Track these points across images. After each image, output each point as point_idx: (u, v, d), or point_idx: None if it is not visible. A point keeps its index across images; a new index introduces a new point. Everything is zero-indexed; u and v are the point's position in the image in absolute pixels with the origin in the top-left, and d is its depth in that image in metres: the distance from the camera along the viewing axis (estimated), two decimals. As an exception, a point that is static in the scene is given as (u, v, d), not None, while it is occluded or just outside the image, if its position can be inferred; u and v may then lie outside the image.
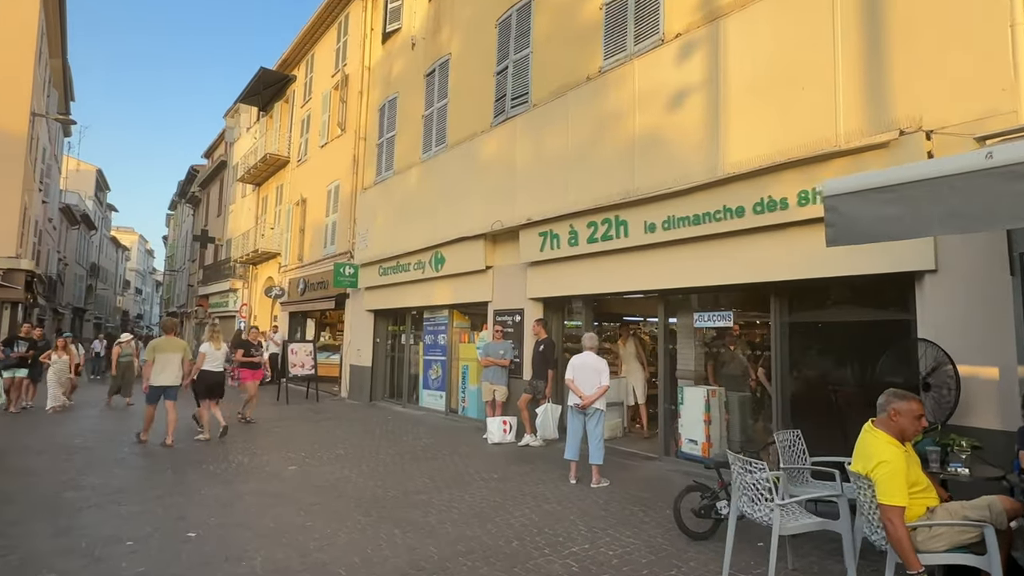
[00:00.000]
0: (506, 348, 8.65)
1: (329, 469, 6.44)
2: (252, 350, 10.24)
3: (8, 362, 10.40)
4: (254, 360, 10.17)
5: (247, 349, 10.19)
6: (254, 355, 10.21)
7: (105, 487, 5.57)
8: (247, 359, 10.12)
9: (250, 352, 10.18)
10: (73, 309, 37.94)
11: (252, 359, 10.15)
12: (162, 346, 7.88)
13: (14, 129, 17.20)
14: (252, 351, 10.23)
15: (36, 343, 10.90)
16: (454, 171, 10.51)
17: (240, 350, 10.20)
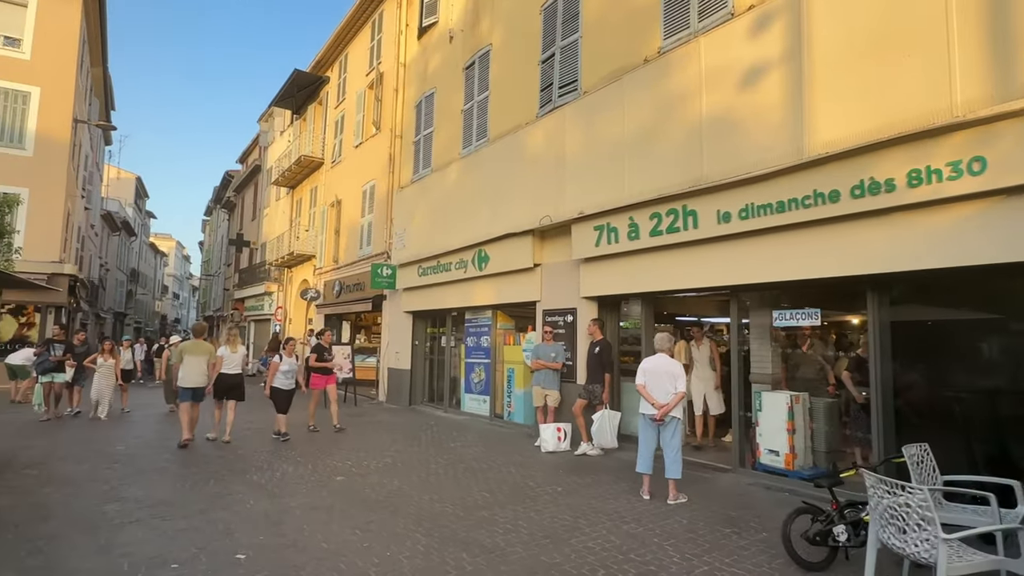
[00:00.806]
0: (557, 350, 8.14)
1: (378, 480, 6.02)
2: (325, 353, 9.67)
3: (45, 366, 10.12)
4: (327, 364, 9.64)
5: (320, 353, 9.63)
6: (327, 359, 9.67)
7: (147, 499, 5.26)
8: (320, 363, 9.57)
9: (323, 356, 9.63)
10: (114, 314, 38.81)
11: (325, 363, 9.62)
12: (190, 349, 8.21)
13: (58, 136, 17.45)
14: (325, 354, 9.66)
15: (72, 347, 10.67)
16: (497, 165, 10.07)
17: (314, 354, 9.68)
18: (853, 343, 7.85)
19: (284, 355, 8.61)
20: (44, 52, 17.39)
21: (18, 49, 17.20)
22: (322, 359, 9.63)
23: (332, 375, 9.79)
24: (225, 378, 8.31)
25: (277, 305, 21.98)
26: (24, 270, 14.25)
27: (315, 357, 9.60)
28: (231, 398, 8.39)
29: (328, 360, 9.71)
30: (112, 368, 10.47)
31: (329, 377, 9.67)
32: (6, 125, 16.82)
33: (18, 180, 16.06)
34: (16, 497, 5.27)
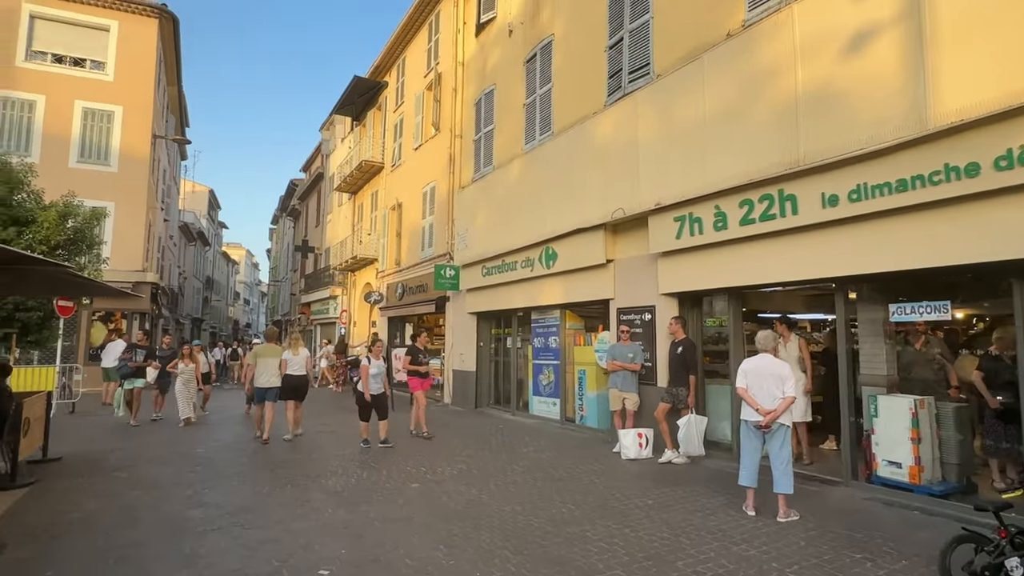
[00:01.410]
0: (635, 351, 7.67)
1: (455, 488, 5.76)
2: (420, 356, 9.25)
3: (125, 371, 10.17)
4: (421, 368, 9.17)
5: (415, 356, 9.20)
6: (423, 361, 9.24)
7: (228, 504, 5.20)
8: (415, 367, 9.13)
9: (418, 359, 9.19)
10: (192, 319, 40.99)
11: (420, 366, 9.17)
12: (263, 352, 8.82)
13: (139, 152, 18.43)
14: (420, 357, 9.23)
15: (153, 351, 10.87)
16: (562, 159, 9.68)
17: (408, 356, 9.27)
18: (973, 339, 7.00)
19: (372, 358, 8.22)
20: (125, 73, 18.41)
21: (102, 71, 18.28)
22: (417, 362, 9.19)
23: (428, 379, 9.41)
24: (289, 379, 8.65)
25: (342, 308, 22.42)
26: (111, 279, 15.03)
27: (409, 360, 9.20)
28: (294, 398, 8.75)
29: (424, 363, 9.29)
30: (193, 373, 10.47)
31: (425, 381, 9.27)
32: (93, 143, 17.90)
33: (105, 194, 17.02)
34: (106, 500, 5.34)
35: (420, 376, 9.16)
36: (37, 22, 17.69)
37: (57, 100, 17.49)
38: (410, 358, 9.20)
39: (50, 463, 7.05)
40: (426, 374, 9.29)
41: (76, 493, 5.62)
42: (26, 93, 17.23)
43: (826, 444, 7.46)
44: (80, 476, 6.35)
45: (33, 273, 6.17)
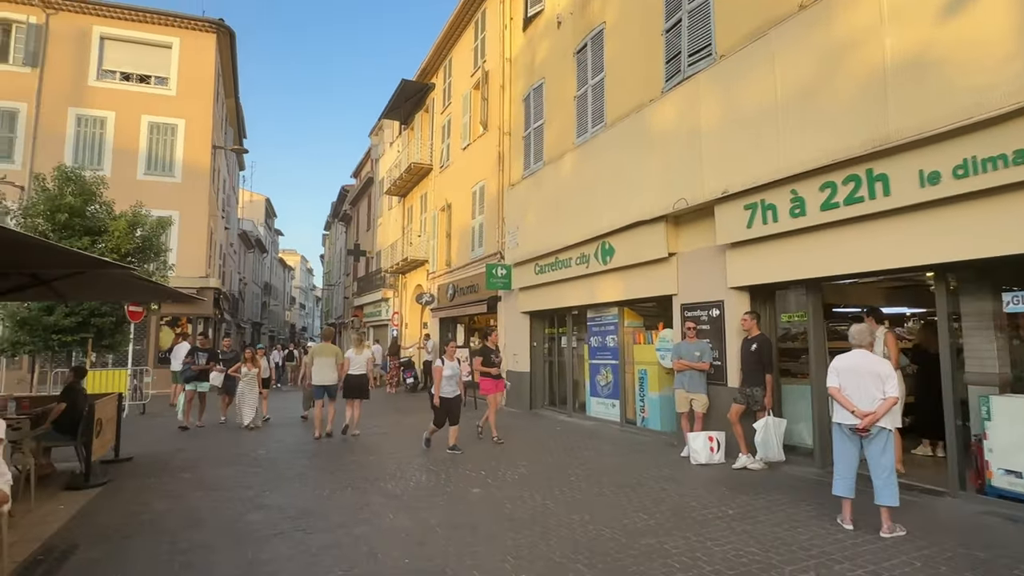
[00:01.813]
0: (703, 349, 7.21)
1: (517, 493, 5.50)
2: (492, 356, 8.69)
3: (188, 375, 10.15)
4: (492, 370, 8.61)
5: (486, 356, 8.68)
6: (495, 362, 8.66)
7: (288, 508, 5.12)
8: (486, 368, 8.62)
9: (490, 360, 8.64)
10: (252, 323, 42.58)
11: (492, 368, 8.61)
12: (320, 351, 9.22)
13: (200, 163, 19.16)
14: (492, 358, 8.68)
15: (215, 354, 10.83)
16: (617, 150, 9.29)
17: (479, 357, 8.78)
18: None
19: (446, 359, 7.79)
20: (186, 87, 19.18)
21: (166, 87, 19.10)
22: (490, 363, 8.64)
23: (501, 381, 8.87)
24: (351, 379, 8.98)
25: (393, 311, 22.64)
26: (176, 285, 15.63)
27: (481, 361, 8.72)
28: (356, 397, 9.06)
29: (496, 364, 8.72)
30: (255, 377, 10.30)
31: (498, 383, 8.74)
32: (159, 156, 18.72)
33: (170, 204, 17.76)
34: (172, 502, 5.37)
35: (492, 378, 8.65)
36: (107, 43, 18.66)
37: (126, 116, 18.39)
38: (481, 359, 8.70)
39: (122, 463, 7.25)
40: (499, 376, 8.76)
41: (145, 493, 5.70)
42: (98, 110, 18.19)
43: (919, 449, 6.81)
44: (149, 476, 6.47)
45: (103, 278, 6.34)
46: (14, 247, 4.41)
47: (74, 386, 6.53)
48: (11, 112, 17.50)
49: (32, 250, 4.65)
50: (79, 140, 17.95)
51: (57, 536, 4.41)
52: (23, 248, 4.53)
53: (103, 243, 12.58)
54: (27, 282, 6.10)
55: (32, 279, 6.08)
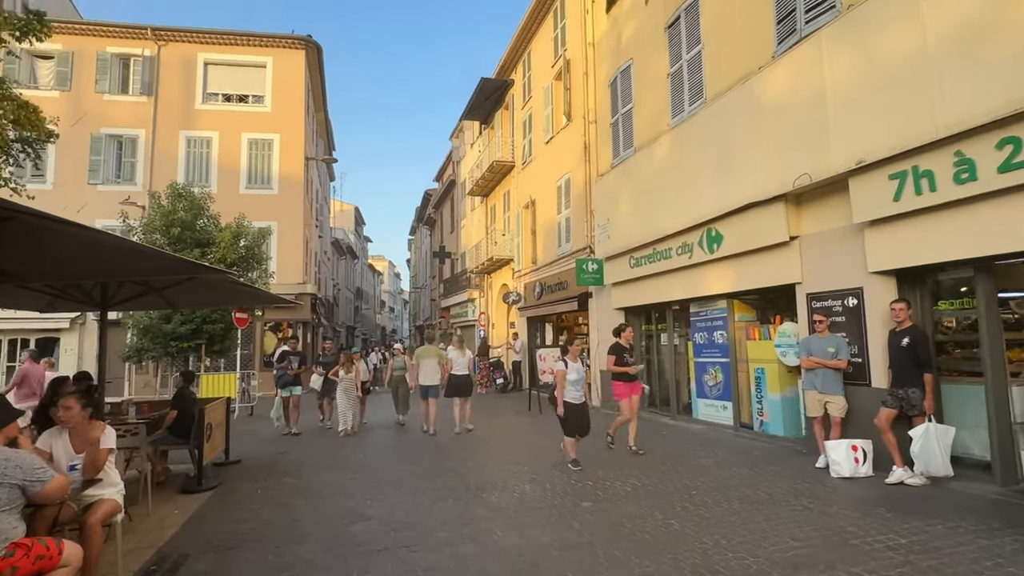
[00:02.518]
0: (838, 344, 6.26)
1: (635, 509, 4.93)
2: (626, 356, 7.55)
3: (284, 380, 9.95)
4: (630, 370, 7.43)
5: (619, 355, 7.51)
6: (629, 361, 7.52)
7: (390, 519, 4.87)
8: (620, 368, 7.43)
9: (624, 359, 7.49)
10: (346, 327, 44.57)
11: (627, 368, 7.44)
12: (423, 352, 9.65)
13: (294, 175, 20.04)
14: (626, 357, 7.53)
15: (305, 358, 10.68)
16: (720, 127, 8.43)
17: (612, 356, 7.57)
18: None
19: (569, 360, 6.76)
20: (280, 103, 20.14)
21: (262, 104, 20.16)
22: (623, 362, 7.45)
23: (636, 382, 7.62)
24: (455, 379, 9.46)
25: (480, 311, 22.61)
26: (276, 292, 16.36)
27: (613, 360, 7.49)
28: (460, 395, 9.48)
29: (630, 363, 7.52)
30: (353, 381, 9.92)
31: (634, 385, 7.51)
32: (258, 170, 19.78)
33: (268, 215, 18.69)
34: (276, 509, 5.30)
35: (627, 380, 7.47)
36: (210, 68, 19.97)
37: (228, 134, 19.58)
38: (614, 358, 7.51)
39: (231, 465, 7.42)
40: (634, 377, 7.55)
41: (251, 499, 5.70)
42: (204, 131, 19.50)
43: None
44: (255, 480, 6.52)
45: (207, 284, 6.46)
46: (127, 256, 4.46)
47: (184, 391, 6.72)
48: (132, 138, 19.14)
49: (142, 258, 4.70)
50: (189, 160, 19.32)
51: (169, 544, 4.40)
52: (134, 256, 4.58)
53: (212, 254, 13.34)
54: (141, 291, 6.33)
55: (145, 288, 6.30)
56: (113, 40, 19.23)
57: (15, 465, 2.68)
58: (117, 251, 4.08)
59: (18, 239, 4.06)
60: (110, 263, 4.56)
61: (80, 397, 3.74)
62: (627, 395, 7.41)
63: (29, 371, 8.97)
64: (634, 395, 7.47)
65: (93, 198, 17.90)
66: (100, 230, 3.54)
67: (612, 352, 7.61)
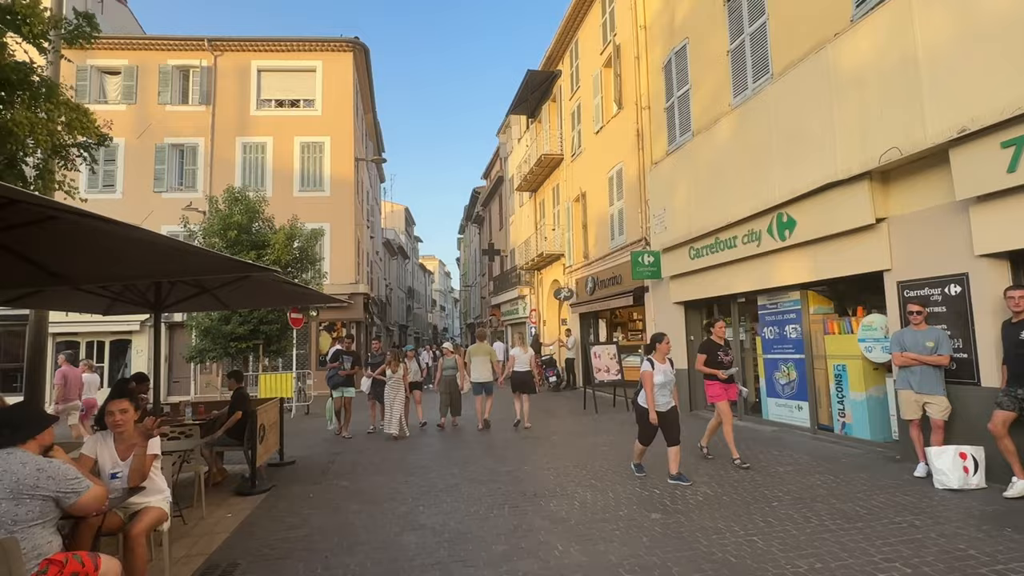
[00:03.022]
0: (938, 337, 5.54)
1: (710, 522, 4.45)
2: (721, 354, 6.65)
3: (335, 381, 9.62)
4: (719, 373, 6.57)
5: (711, 353, 6.67)
6: (725, 361, 6.61)
7: (443, 529, 4.59)
8: (711, 370, 6.59)
9: (717, 357, 6.60)
10: (399, 326, 45.23)
11: (722, 368, 6.56)
12: (475, 350, 9.95)
13: (345, 176, 20.28)
14: (721, 355, 6.63)
15: (359, 358, 10.29)
16: (791, 103, 7.74)
17: (703, 355, 6.74)
18: None
19: (655, 360, 5.81)
20: (330, 106, 20.42)
21: (313, 108, 20.50)
22: (717, 362, 6.59)
23: (733, 385, 6.66)
24: (517, 375, 9.77)
25: (531, 308, 22.27)
26: (329, 292, 16.54)
27: (704, 359, 6.70)
28: (523, 392, 9.73)
29: (725, 362, 6.63)
30: (400, 381, 9.48)
31: (730, 387, 6.60)
32: (310, 172, 20.13)
33: (321, 216, 18.97)
34: (327, 516, 5.12)
35: (723, 381, 6.62)
36: (263, 75, 20.48)
37: (281, 139, 20.03)
38: (705, 356, 6.71)
39: (286, 466, 7.38)
40: (730, 379, 6.64)
41: (303, 503, 5.56)
42: (259, 137, 20.01)
43: None
44: (308, 483, 6.41)
45: (257, 285, 6.39)
46: (173, 255, 4.36)
47: (241, 392, 6.67)
48: (192, 147, 19.86)
49: (187, 256, 4.59)
50: (245, 166, 19.87)
51: (220, 552, 4.26)
52: (180, 255, 4.48)
53: (267, 255, 13.57)
54: (194, 292, 6.33)
55: (198, 288, 6.29)
56: (173, 53, 19.99)
57: (47, 476, 2.52)
58: (160, 249, 3.96)
59: (66, 241, 4.01)
60: (157, 263, 4.48)
61: (132, 400, 3.62)
62: (723, 397, 6.56)
63: (68, 374, 9.10)
64: (731, 397, 6.58)
65: (158, 206, 18.66)
66: (142, 228, 3.40)
67: (703, 350, 6.81)
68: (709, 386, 6.73)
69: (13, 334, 17.05)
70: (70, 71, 19.11)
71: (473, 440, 8.84)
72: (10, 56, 4.54)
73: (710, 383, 6.71)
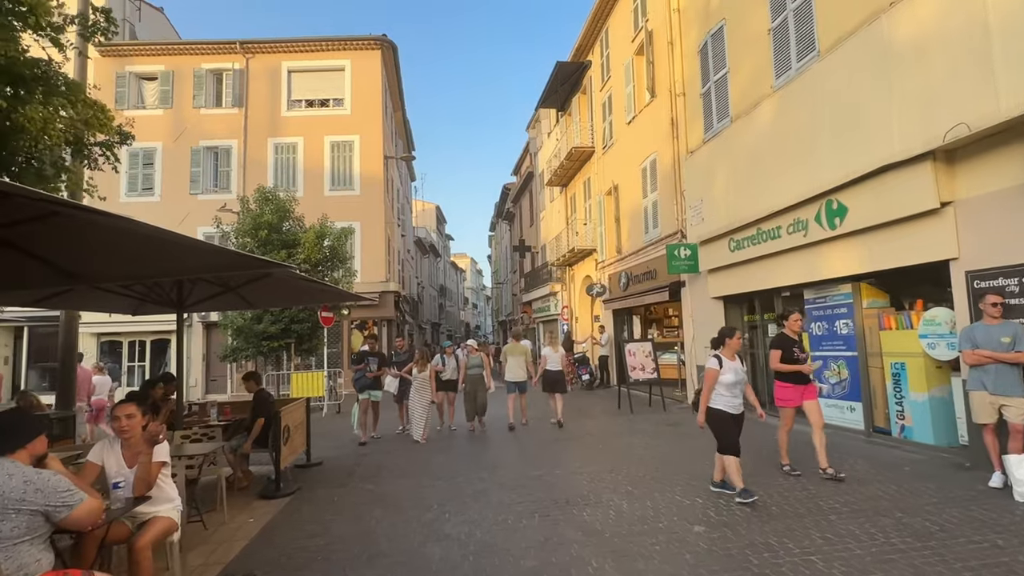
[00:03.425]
0: (1016, 332, 4.97)
1: (759, 537, 4.05)
2: (796, 350, 5.83)
3: (362, 383, 9.06)
4: (803, 367, 5.74)
5: (786, 348, 5.81)
6: (800, 358, 5.81)
7: (469, 539, 4.31)
8: (789, 366, 5.75)
9: (792, 354, 5.79)
10: (432, 324, 45.39)
11: (796, 365, 5.75)
12: (511, 350, 9.96)
13: (375, 174, 20.26)
14: (796, 352, 5.81)
15: (385, 358, 9.77)
16: (839, 81, 7.18)
17: (777, 351, 5.85)
18: None
19: (724, 357, 5.12)
20: (359, 104, 20.42)
21: (342, 107, 20.55)
22: (792, 358, 5.76)
23: (811, 385, 5.80)
24: (549, 374, 9.92)
25: (563, 304, 21.88)
26: (360, 290, 16.51)
27: (779, 355, 5.81)
28: (555, 391, 9.86)
29: (801, 359, 5.80)
30: (427, 380, 8.94)
31: (808, 388, 5.76)
32: (340, 171, 20.18)
33: (351, 215, 18.98)
34: (350, 522, 4.91)
35: (797, 381, 5.74)
36: (293, 75, 20.62)
37: (312, 139, 20.13)
38: (780, 352, 5.81)
39: (313, 467, 7.24)
40: (808, 378, 5.79)
41: (327, 508, 5.37)
42: (290, 137, 20.17)
43: None
44: (333, 486, 6.24)
45: (279, 282, 6.25)
46: (185, 251, 4.21)
47: (262, 394, 6.54)
48: (226, 149, 20.15)
49: (199, 253, 4.43)
50: (277, 166, 20.05)
51: (237, 561, 4.09)
52: (192, 252, 4.33)
53: (298, 255, 13.58)
54: (217, 290, 6.22)
55: (221, 287, 6.18)
56: (207, 57, 20.31)
57: (36, 489, 2.34)
58: (170, 246, 3.79)
59: (78, 240, 3.89)
60: (169, 259, 4.32)
61: (141, 404, 3.45)
62: (796, 401, 5.74)
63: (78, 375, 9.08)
64: (807, 400, 5.72)
65: (194, 207, 18.99)
66: (146, 224, 3.22)
67: (777, 345, 5.92)
68: (780, 388, 5.88)
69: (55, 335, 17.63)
70: (109, 78, 19.66)
71: (503, 441, 8.56)
72: (24, 52, 4.47)
73: (782, 384, 5.84)
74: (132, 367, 19.34)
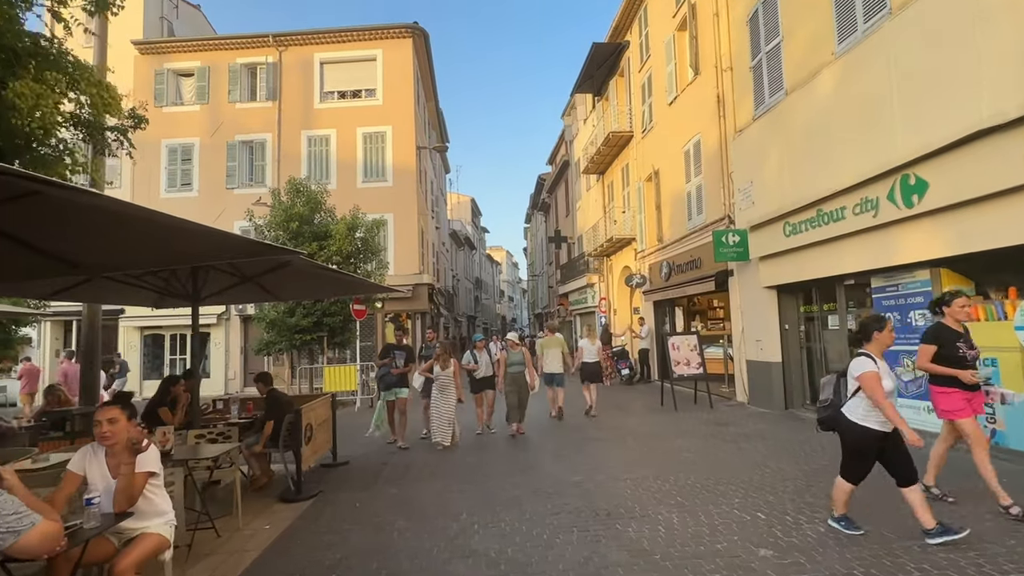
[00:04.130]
0: None
1: (838, 565, 3.43)
2: (961, 345, 4.47)
3: (387, 380, 8.10)
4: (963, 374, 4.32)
5: (947, 343, 4.44)
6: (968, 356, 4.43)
7: (499, 556, 3.84)
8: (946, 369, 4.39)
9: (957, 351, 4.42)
10: (467, 317, 45.25)
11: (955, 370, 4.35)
12: (548, 343, 9.92)
13: (407, 165, 19.97)
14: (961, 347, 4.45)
15: (415, 353, 9.10)
16: (915, 40, 6.33)
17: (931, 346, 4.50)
18: None
19: (875, 356, 3.85)
20: (391, 94, 20.14)
21: (374, 97, 20.29)
22: (957, 357, 4.40)
23: (979, 393, 4.48)
24: (587, 366, 10.18)
25: (600, 296, 21.20)
26: (393, 283, 16.26)
27: (934, 352, 4.49)
28: (592, 381, 10.15)
29: (969, 358, 4.42)
30: (451, 378, 7.91)
31: (976, 396, 4.44)
32: (373, 163, 19.96)
33: (383, 207, 18.73)
34: (370, 533, 4.50)
35: (966, 387, 4.35)
36: (325, 67, 20.48)
37: (344, 131, 19.96)
38: (934, 348, 4.47)
39: (339, 467, 6.91)
40: (977, 386, 4.42)
41: (347, 515, 4.99)
42: (323, 129, 20.05)
43: None
44: (357, 488, 5.87)
45: (300, 273, 5.91)
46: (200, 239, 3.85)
47: (273, 394, 6.18)
48: (261, 143, 20.20)
49: (215, 240, 4.07)
50: (311, 159, 19.98)
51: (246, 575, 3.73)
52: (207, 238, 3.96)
53: (329, 247, 13.37)
54: (234, 281, 5.91)
55: (238, 278, 5.87)
56: (241, 51, 20.36)
57: (-27, 513, 1.96)
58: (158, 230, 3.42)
59: (74, 227, 3.57)
60: (173, 247, 3.97)
61: (125, 408, 3.08)
62: (968, 412, 4.34)
63: (68, 371, 8.93)
64: (977, 412, 4.43)
65: (230, 202, 19.09)
66: (135, 204, 2.84)
67: (932, 338, 4.50)
68: (942, 395, 4.45)
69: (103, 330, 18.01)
70: (148, 76, 19.94)
71: (538, 441, 8.06)
72: (17, 23, 4.19)
73: (944, 391, 4.42)
74: (174, 360, 19.68)
